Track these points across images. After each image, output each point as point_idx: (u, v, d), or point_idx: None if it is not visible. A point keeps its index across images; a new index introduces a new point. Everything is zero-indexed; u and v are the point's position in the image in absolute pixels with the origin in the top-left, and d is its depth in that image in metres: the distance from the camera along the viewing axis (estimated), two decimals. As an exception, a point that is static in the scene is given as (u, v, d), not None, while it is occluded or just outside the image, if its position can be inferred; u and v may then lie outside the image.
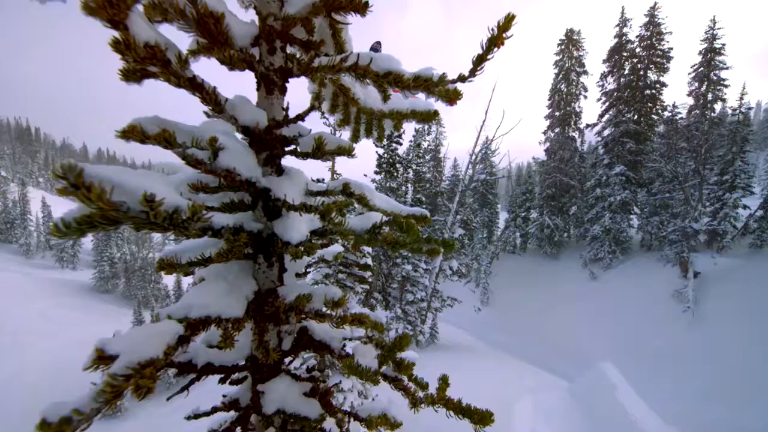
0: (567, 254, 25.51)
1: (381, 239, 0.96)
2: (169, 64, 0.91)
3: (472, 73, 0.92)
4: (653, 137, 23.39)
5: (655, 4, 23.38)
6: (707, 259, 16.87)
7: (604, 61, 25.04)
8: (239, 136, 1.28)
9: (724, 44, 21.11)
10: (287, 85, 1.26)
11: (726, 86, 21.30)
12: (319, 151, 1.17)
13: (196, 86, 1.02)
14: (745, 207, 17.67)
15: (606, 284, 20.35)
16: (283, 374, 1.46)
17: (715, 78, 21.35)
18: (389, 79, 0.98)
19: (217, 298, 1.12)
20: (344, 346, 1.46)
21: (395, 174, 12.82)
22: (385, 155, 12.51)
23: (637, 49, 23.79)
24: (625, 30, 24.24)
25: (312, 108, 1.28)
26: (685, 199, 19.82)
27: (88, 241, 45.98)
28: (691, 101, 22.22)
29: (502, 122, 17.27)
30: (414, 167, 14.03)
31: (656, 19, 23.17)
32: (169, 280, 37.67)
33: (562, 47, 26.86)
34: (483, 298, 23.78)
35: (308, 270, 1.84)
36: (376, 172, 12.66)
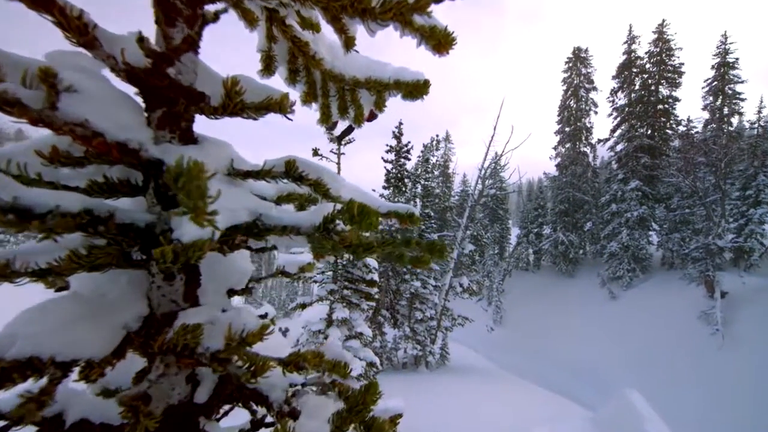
0: (583, 272, 24.60)
1: (337, 240, 0.64)
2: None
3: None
4: (669, 152, 22.92)
5: (663, 21, 23.54)
6: (734, 278, 15.94)
7: (614, 77, 25.05)
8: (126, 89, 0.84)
9: (737, 58, 20.89)
10: (202, 15, 0.83)
11: (742, 100, 20.90)
12: (231, 102, 0.78)
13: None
14: (772, 223, 16.81)
15: (626, 304, 19.39)
16: None
17: (730, 92, 21.01)
18: (344, 2, 0.68)
19: (62, 325, 0.70)
20: (292, 395, 0.96)
21: (404, 189, 12.74)
22: (394, 170, 12.50)
23: (647, 65, 23.80)
24: (633, 47, 24.34)
25: (267, 70, 0.90)
26: (706, 214, 19.04)
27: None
28: (706, 115, 21.85)
29: (511, 137, 17.18)
30: (422, 182, 13.94)
31: (665, 36, 23.24)
32: (179, 296, 37.83)
33: (570, 65, 27.07)
34: (495, 317, 22.94)
35: (252, 286, 1.04)
36: (384, 187, 12.62)
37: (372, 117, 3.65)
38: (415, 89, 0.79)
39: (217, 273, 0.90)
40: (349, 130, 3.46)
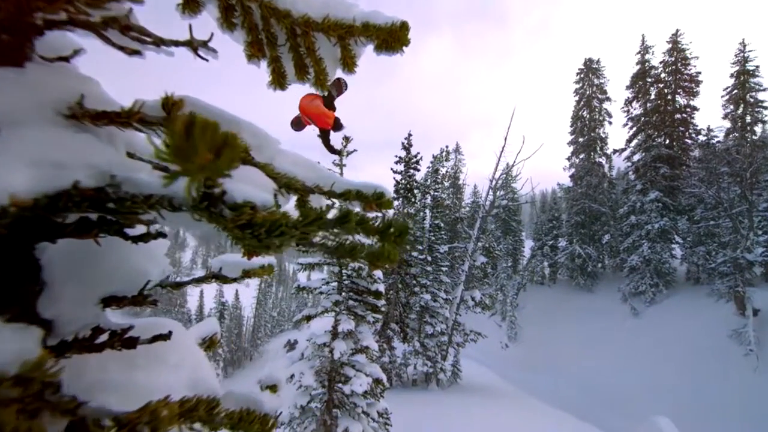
0: (603, 286, 23.59)
1: (230, 218, 0.36)
2: None
3: None
4: (689, 162, 22.21)
5: (677, 30, 23.29)
6: (767, 294, 14.94)
7: (628, 87, 24.73)
8: None
9: (757, 66, 20.32)
10: None
11: (765, 108, 20.20)
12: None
13: None
14: (806, 235, 15.84)
15: (650, 321, 18.37)
16: None
17: (752, 100, 20.35)
18: None
19: None
20: None
21: (413, 200, 12.58)
22: (403, 181, 12.40)
23: (662, 75, 23.45)
24: (647, 56, 24.06)
25: (189, 6, 0.59)
26: (733, 227, 18.11)
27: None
28: (727, 124, 21.17)
29: (522, 147, 16.92)
30: (432, 193, 13.77)
31: (680, 45, 22.92)
32: (192, 303, 38.07)
33: (582, 75, 26.91)
34: (510, 333, 22.08)
35: (151, 294, 0.60)
36: (393, 198, 12.48)
37: (340, 88, 3.29)
38: (391, 36, 0.57)
39: (81, 271, 0.58)
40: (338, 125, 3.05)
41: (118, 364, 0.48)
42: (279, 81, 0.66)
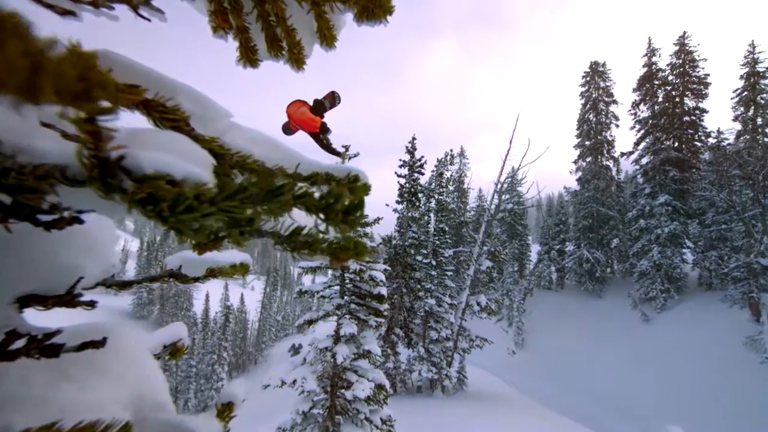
0: (612, 292, 23.13)
1: (132, 191, 0.25)
2: None
3: None
4: (699, 165, 21.82)
5: (684, 33, 23.05)
6: (784, 300, 14.50)
7: (635, 90, 24.48)
8: None
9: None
10: None
11: (777, 109, 19.78)
12: None
13: None
14: (823, 239, 15.37)
15: (661, 328, 17.93)
16: None
17: (762, 102, 19.97)
18: None
19: None
20: None
21: (417, 204, 12.49)
22: (407, 185, 12.33)
23: (670, 77, 23.18)
24: (654, 59, 23.83)
25: None
26: (746, 231, 17.68)
27: (131, 268, 48.59)
28: (738, 126, 20.79)
29: (527, 151, 16.75)
30: (437, 197, 13.67)
31: (687, 47, 22.67)
32: (198, 308, 38.22)
33: (587, 79, 26.74)
34: (517, 339, 21.70)
35: (80, 293, 0.42)
36: (397, 202, 12.42)
37: (334, 101, 3.46)
38: (371, 2, 0.50)
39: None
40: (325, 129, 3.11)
41: (45, 375, 0.40)
42: (248, 56, 0.57)
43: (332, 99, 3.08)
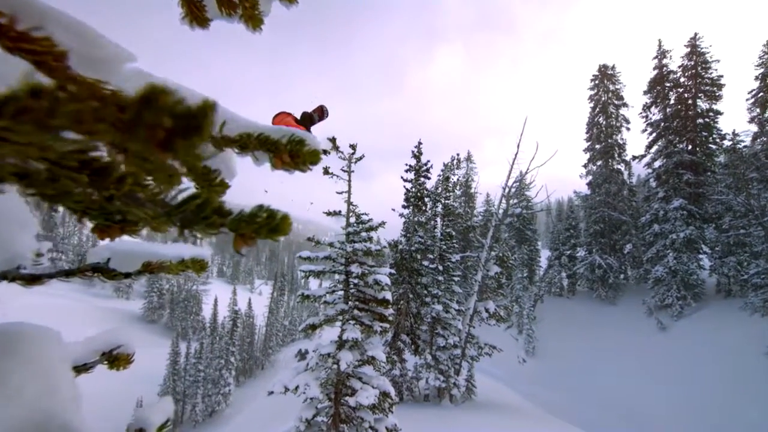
0: (626, 299, 22.48)
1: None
2: None
3: None
4: (714, 168, 21.24)
5: (696, 34, 22.69)
6: (810, 307, 13.85)
7: (645, 92, 24.11)
8: None
9: (785, 67, 19.46)
10: None
11: (795, 110, 19.21)
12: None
13: None
14: None
15: (678, 336, 17.30)
16: None
17: (780, 102, 19.43)
18: None
19: None
20: None
21: (423, 208, 12.39)
22: (413, 189, 12.25)
23: (681, 79, 22.78)
24: (665, 61, 23.47)
25: None
26: (765, 235, 17.05)
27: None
28: (754, 128, 20.24)
29: (536, 155, 16.53)
30: (443, 201, 13.54)
31: (699, 49, 22.27)
32: (207, 312, 38.47)
33: (597, 81, 26.45)
34: (527, 346, 21.19)
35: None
36: (404, 206, 12.34)
37: (322, 114, 3.50)
38: None
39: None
40: (313, 117, 3.10)
41: None
42: (195, 14, 0.48)
43: (321, 112, 3.15)
